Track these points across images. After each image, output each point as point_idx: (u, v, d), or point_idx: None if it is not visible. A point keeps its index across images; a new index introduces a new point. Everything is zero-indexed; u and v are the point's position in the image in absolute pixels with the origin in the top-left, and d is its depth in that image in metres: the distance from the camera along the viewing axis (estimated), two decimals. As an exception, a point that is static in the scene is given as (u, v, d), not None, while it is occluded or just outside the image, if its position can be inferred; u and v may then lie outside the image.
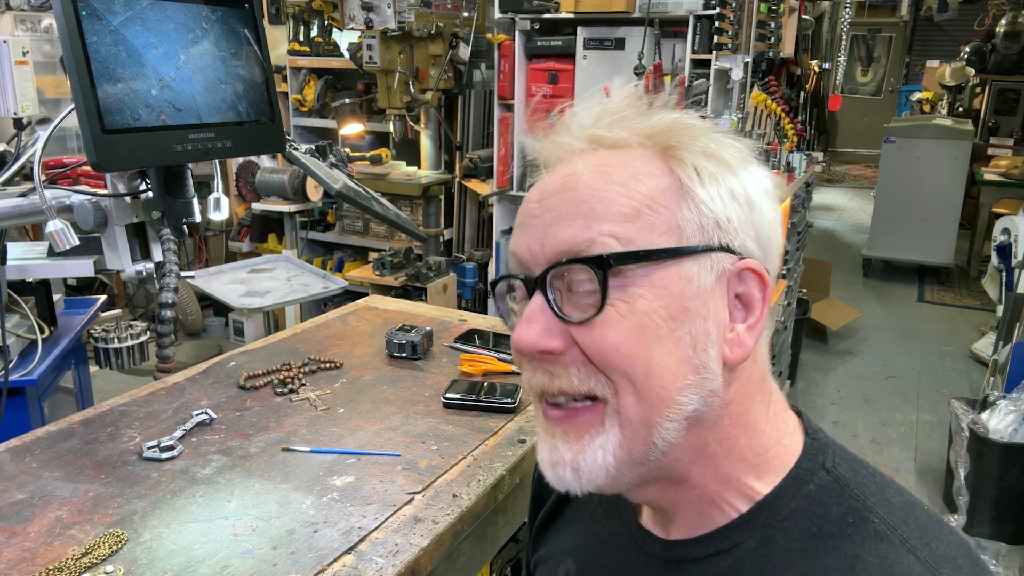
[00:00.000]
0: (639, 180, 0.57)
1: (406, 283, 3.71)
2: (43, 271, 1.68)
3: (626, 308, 0.55)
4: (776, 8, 3.47)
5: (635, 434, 0.56)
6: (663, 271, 0.56)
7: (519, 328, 0.58)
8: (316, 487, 1.09)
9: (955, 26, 8.56)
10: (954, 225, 5.55)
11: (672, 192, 0.57)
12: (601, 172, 0.58)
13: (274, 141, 1.53)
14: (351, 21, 3.54)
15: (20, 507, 1.02)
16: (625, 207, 0.56)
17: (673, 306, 0.55)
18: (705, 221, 0.56)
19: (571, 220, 0.57)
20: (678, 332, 0.56)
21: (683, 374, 0.56)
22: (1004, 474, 2.60)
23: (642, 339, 0.55)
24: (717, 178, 0.57)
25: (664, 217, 0.56)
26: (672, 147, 0.58)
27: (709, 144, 0.58)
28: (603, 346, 0.56)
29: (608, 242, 0.55)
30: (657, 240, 0.56)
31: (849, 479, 0.59)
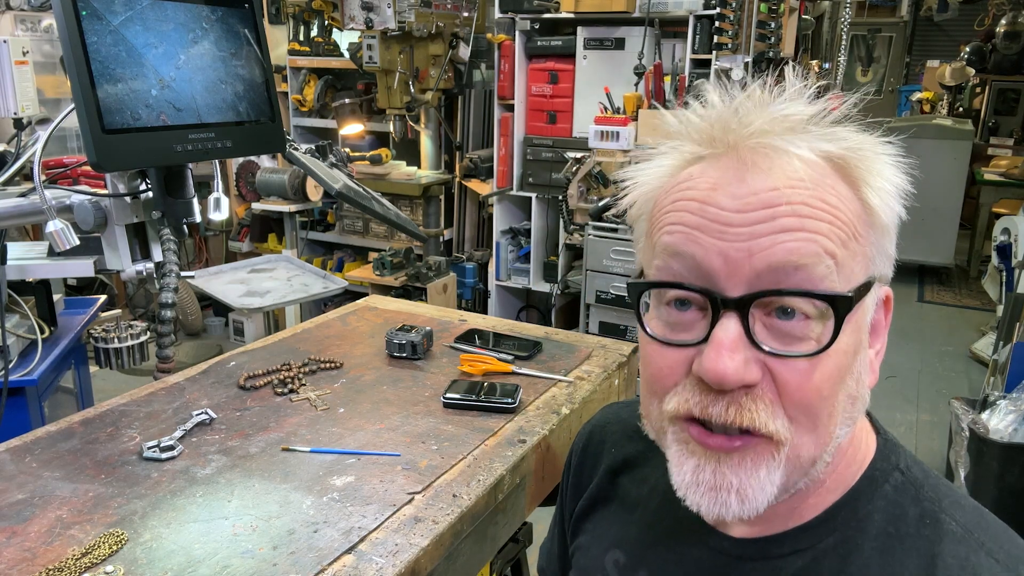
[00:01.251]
0: (844, 204, 0.53)
1: (406, 283, 3.71)
2: (43, 271, 1.68)
3: (834, 345, 0.52)
4: (776, 8, 3.47)
5: (798, 469, 0.55)
6: (861, 305, 0.54)
7: (719, 356, 0.52)
8: (316, 487, 1.09)
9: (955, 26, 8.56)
10: (954, 225, 5.55)
11: (865, 222, 0.55)
12: (816, 189, 0.53)
13: (274, 141, 1.53)
14: (351, 21, 3.54)
15: (20, 507, 1.02)
16: (841, 231, 0.52)
17: (857, 342, 0.54)
18: (877, 251, 0.56)
19: (791, 232, 0.51)
20: (856, 368, 0.54)
21: (848, 409, 0.55)
22: (1004, 474, 2.60)
23: (838, 379, 0.53)
24: (888, 206, 0.56)
25: (863, 247, 0.54)
26: (858, 171, 0.55)
27: (886, 169, 0.56)
28: (807, 386, 0.52)
29: (828, 264, 0.51)
30: (857, 269, 0.53)
31: (922, 481, 0.59)
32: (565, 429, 1.32)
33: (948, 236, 5.56)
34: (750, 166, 0.53)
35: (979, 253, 5.81)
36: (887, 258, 0.57)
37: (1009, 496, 2.61)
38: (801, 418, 0.53)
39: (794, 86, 0.57)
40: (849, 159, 0.55)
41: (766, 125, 0.54)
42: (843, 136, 0.55)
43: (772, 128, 0.54)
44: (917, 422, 3.60)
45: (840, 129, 0.56)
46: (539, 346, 1.58)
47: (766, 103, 0.56)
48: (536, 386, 1.41)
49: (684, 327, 0.55)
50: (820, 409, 0.53)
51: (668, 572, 0.66)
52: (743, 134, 0.54)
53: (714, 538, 0.63)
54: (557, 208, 3.70)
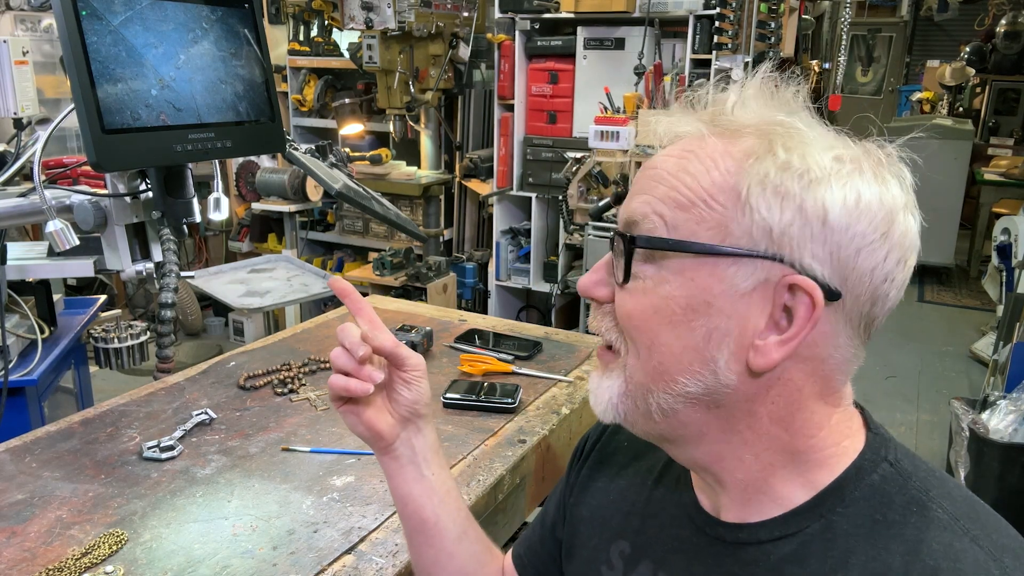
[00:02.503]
0: (708, 173, 0.58)
1: (406, 283, 3.71)
2: (43, 271, 1.68)
3: (650, 286, 0.60)
4: (776, 8, 3.47)
5: (635, 391, 0.62)
6: (697, 264, 0.58)
7: (584, 276, 0.67)
8: (316, 487, 1.09)
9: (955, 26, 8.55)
10: (954, 225, 5.55)
11: (731, 194, 0.57)
12: (683, 158, 0.60)
13: (274, 141, 1.53)
14: (351, 21, 3.54)
15: (20, 507, 1.02)
16: (683, 196, 0.59)
17: (696, 299, 0.58)
18: (755, 229, 0.56)
19: (641, 195, 0.61)
20: (694, 323, 0.58)
21: (688, 360, 0.59)
22: (1004, 474, 2.60)
23: (654, 318, 0.60)
24: (786, 190, 0.56)
25: (716, 215, 0.57)
26: (754, 151, 0.58)
27: (795, 155, 0.57)
28: (622, 311, 0.62)
29: (655, 222, 0.59)
30: (702, 234, 0.58)
31: (911, 471, 0.61)
32: (565, 429, 1.32)
33: (948, 236, 5.56)
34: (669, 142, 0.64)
35: (979, 253, 5.80)
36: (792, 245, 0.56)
37: (1009, 496, 2.60)
38: (627, 339, 0.62)
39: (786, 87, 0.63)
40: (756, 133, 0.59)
41: (713, 110, 0.62)
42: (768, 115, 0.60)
43: (718, 111, 0.62)
44: (917, 422, 3.60)
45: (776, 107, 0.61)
46: (539, 346, 1.58)
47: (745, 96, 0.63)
48: (536, 386, 1.41)
49: None
50: (636, 335, 0.61)
51: (670, 561, 0.69)
52: (700, 116, 0.63)
53: (711, 525, 0.66)
54: (557, 208, 3.70)
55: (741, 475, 0.62)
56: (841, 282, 0.56)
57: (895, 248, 0.57)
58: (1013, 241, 3.90)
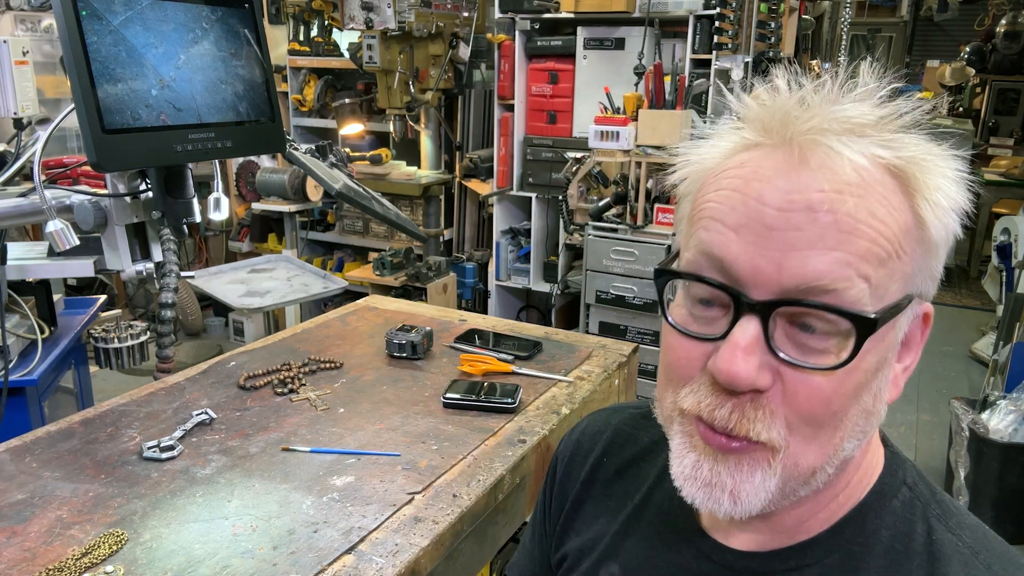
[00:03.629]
0: (893, 217, 0.51)
1: (406, 283, 3.71)
2: (43, 271, 1.68)
3: (854, 363, 0.51)
4: (776, 8, 3.47)
5: (797, 478, 0.54)
6: (893, 322, 0.52)
7: (733, 357, 0.51)
8: (316, 487, 1.09)
9: (955, 26, 8.56)
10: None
11: (914, 237, 0.52)
12: (865, 197, 0.50)
13: (274, 141, 1.53)
14: (351, 21, 3.54)
15: (20, 507, 1.02)
16: (882, 249, 0.50)
17: (882, 360, 0.53)
18: (921, 270, 0.54)
19: (829, 250, 0.49)
20: (875, 384, 0.53)
21: (862, 423, 0.53)
22: (1004, 474, 2.60)
23: (854, 396, 0.52)
24: (946, 225, 0.53)
25: (904, 264, 0.52)
26: (916, 182, 0.52)
27: (947, 184, 0.53)
28: (814, 398, 0.51)
29: (862, 288, 0.50)
30: (893, 289, 0.51)
31: (929, 498, 0.59)
32: (565, 429, 1.32)
33: (948, 236, 5.55)
34: (799, 162, 0.51)
35: (979, 253, 5.80)
36: (930, 276, 0.54)
37: (1009, 496, 2.61)
38: (803, 428, 0.52)
39: (866, 85, 0.54)
40: (908, 169, 0.52)
41: (825, 123, 0.52)
42: (907, 144, 0.53)
43: (831, 127, 0.52)
44: (917, 422, 3.60)
45: (906, 136, 0.53)
46: (539, 346, 1.58)
47: (832, 100, 0.54)
48: (536, 386, 1.41)
49: (707, 321, 0.54)
50: (826, 422, 0.52)
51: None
52: (801, 128, 0.52)
53: (717, 551, 0.62)
54: (557, 208, 3.70)
55: (790, 515, 0.58)
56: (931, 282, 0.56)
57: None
58: (1013, 241, 3.90)
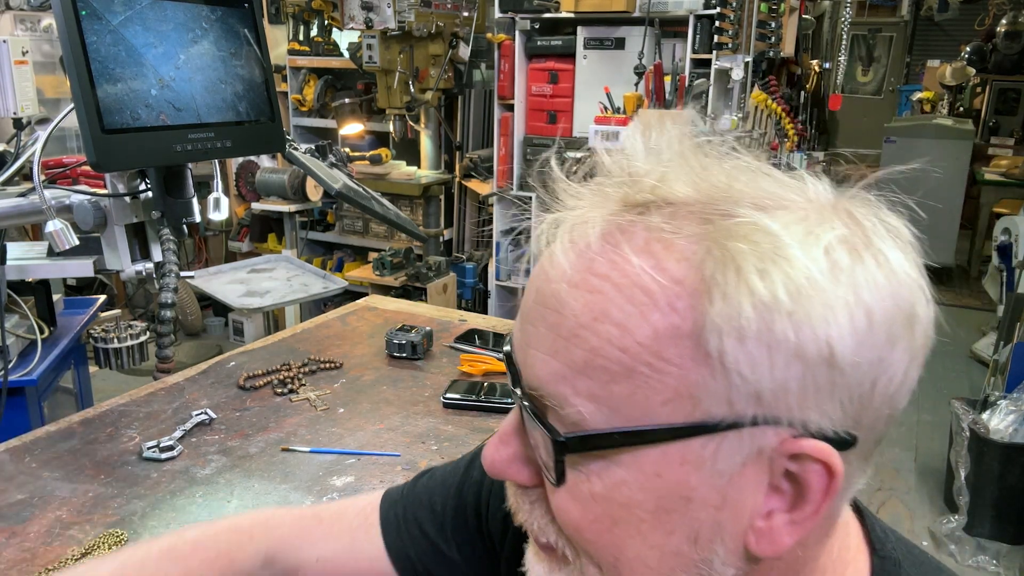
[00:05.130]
0: (646, 317, 0.39)
1: (406, 283, 3.71)
2: (43, 271, 1.68)
3: (600, 490, 0.42)
4: (776, 8, 3.46)
5: None
6: (659, 452, 0.41)
7: (491, 442, 0.47)
8: (316, 487, 1.09)
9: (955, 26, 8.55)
10: (954, 225, 5.55)
11: (691, 345, 0.39)
12: (599, 294, 0.40)
13: (274, 141, 1.53)
14: (351, 21, 3.54)
15: (20, 507, 1.02)
16: (614, 362, 0.40)
17: (668, 498, 0.42)
18: (735, 394, 0.39)
19: (548, 357, 0.42)
20: (669, 525, 0.42)
21: (670, 568, 0.44)
22: (1004, 474, 2.60)
23: (614, 531, 0.43)
24: (772, 336, 0.38)
25: (672, 379, 0.39)
26: (711, 278, 0.39)
27: (775, 277, 0.38)
28: (565, 519, 0.45)
29: (581, 408, 0.41)
30: (657, 409, 0.40)
31: None
32: (565, 429, 1.32)
33: (948, 236, 5.55)
34: (567, 245, 0.43)
35: (979, 253, 5.80)
36: (790, 403, 0.39)
37: (1009, 496, 2.60)
38: (583, 552, 0.46)
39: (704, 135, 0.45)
40: (709, 241, 0.39)
41: (626, 190, 0.43)
42: (721, 205, 0.41)
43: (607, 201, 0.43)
44: (917, 422, 3.60)
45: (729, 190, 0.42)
46: (539, 346, 1.58)
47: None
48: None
49: None
50: (591, 551, 0.45)
51: None
52: (606, 201, 0.44)
53: None
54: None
55: None
56: (855, 424, 0.41)
57: (917, 356, 0.42)
58: (1013, 241, 3.90)
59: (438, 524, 0.70)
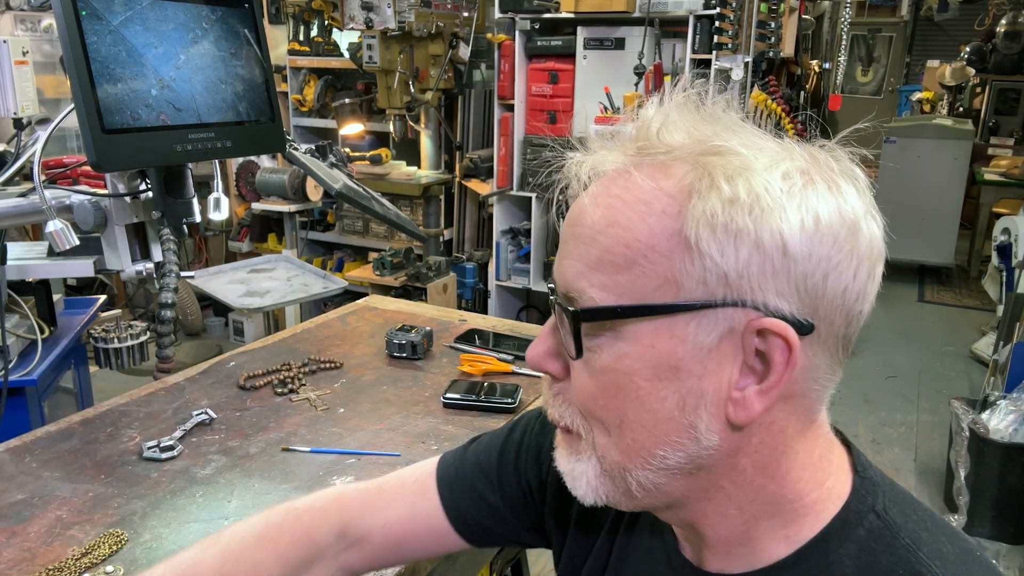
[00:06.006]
0: (644, 221, 0.52)
1: (406, 283, 3.71)
2: (43, 271, 1.68)
3: (608, 361, 0.54)
4: (776, 8, 3.47)
5: (612, 469, 0.57)
6: (652, 328, 0.52)
7: (532, 344, 0.59)
8: (316, 487, 1.08)
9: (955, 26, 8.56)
10: (954, 225, 5.55)
11: (676, 240, 0.51)
12: (610, 208, 0.53)
13: (274, 141, 1.53)
14: (351, 21, 3.54)
15: (20, 507, 1.02)
16: (620, 257, 0.52)
17: (661, 365, 0.52)
18: (709, 276, 0.50)
19: (573, 259, 0.55)
20: (663, 392, 0.53)
21: (665, 432, 0.54)
22: (1004, 474, 2.60)
23: (619, 395, 0.54)
24: (738, 227, 0.49)
25: (661, 269, 0.51)
26: (693, 186, 0.51)
27: (740, 184, 0.50)
28: (583, 392, 0.56)
29: (595, 295, 0.53)
30: (651, 294, 0.51)
31: (900, 525, 0.55)
32: (565, 429, 1.32)
33: (948, 236, 5.55)
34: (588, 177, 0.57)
35: (979, 253, 5.80)
36: (752, 286, 0.50)
37: (1009, 496, 2.61)
38: (593, 422, 0.56)
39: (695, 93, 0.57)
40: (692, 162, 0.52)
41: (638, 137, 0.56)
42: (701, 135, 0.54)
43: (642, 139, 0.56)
44: (917, 422, 3.60)
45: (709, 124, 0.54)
46: (539, 346, 1.58)
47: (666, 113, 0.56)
48: (536, 386, 1.41)
49: None
50: (600, 416, 0.55)
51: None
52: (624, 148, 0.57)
53: (687, 571, 0.63)
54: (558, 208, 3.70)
55: (724, 530, 0.58)
56: (812, 313, 0.51)
57: (864, 262, 0.52)
58: (1013, 241, 3.90)
59: (486, 480, 0.80)
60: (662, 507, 0.59)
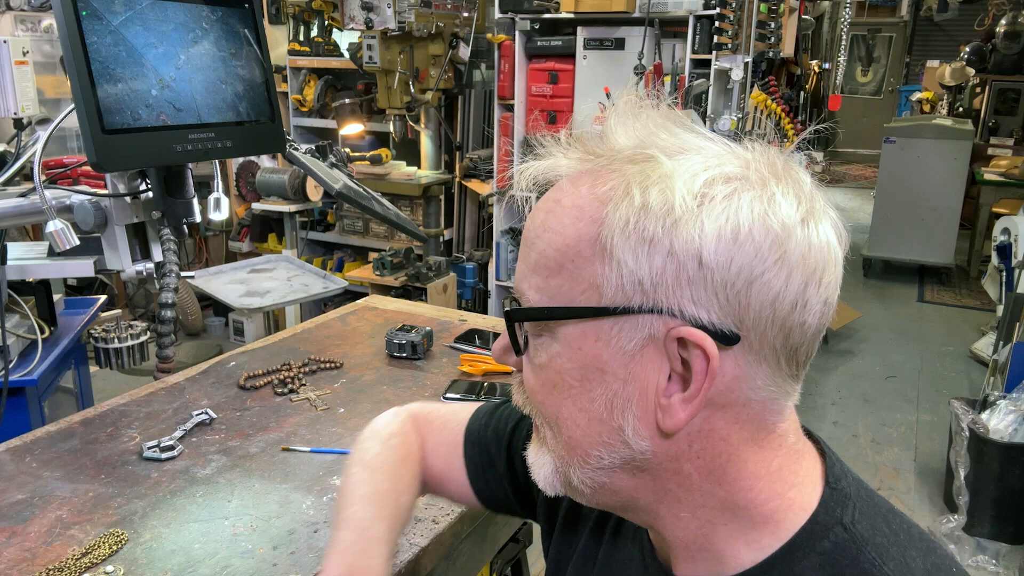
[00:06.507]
0: (574, 227, 0.53)
1: (406, 283, 3.71)
2: (43, 271, 1.68)
3: (545, 359, 0.57)
4: (776, 8, 3.47)
5: (560, 466, 0.59)
6: (580, 330, 0.54)
7: (499, 337, 0.63)
8: (316, 487, 1.09)
9: (955, 26, 8.57)
10: (954, 225, 5.55)
11: (596, 246, 0.52)
12: (550, 212, 0.56)
13: (274, 141, 1.53)
14: (351, 21, 3.54)
15: (20, 507, 1.02)
16: (551, 260, 0.54)
17: (588, 367, 0.54)
18: (625, 282, 0.51)
19: (520, 262, 0.58)
20: (592, 392, 0.55)
21: (597, 432, 0.55)
22: (1004, 474, 2.60)
23: (554, 392, 0.57)
24: (651, 235, 0.50)
25: (585, 274, 0.53)
26: (612, 194, 0.52)
27: (653, 193, 0.51)
28: (528, 385, 0.60)
29: (532, 296, 0.56)
30: (578, 297, 0.53)
31: (867, 538, 0.54)
32: (565, 429, 1.32)
33: (948, 236, 5.55)
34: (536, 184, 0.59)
35: (979, 253, 5.80)
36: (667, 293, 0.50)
37: (1009, 496, 2.61)
38: (537, 415, 0.60)
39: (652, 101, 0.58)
40: (617, 168, 0.54)
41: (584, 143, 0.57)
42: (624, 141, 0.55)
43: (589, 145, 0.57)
44: (917, 422, 3.60)
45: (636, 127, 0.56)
46: (539, 346, 1.58)
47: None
48: (536, 386, 1.41)
49: None
50: (542, 410, 0.59)
51: None
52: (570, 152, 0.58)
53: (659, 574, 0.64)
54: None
55: (681, 533, 0.58)
56: (737, 322, 0.50)
57: (797, 269, 0.50)
58: (1013, 241, 3.90)
59: (499, 447, 0.86)
60: (618, 507, 0.61)
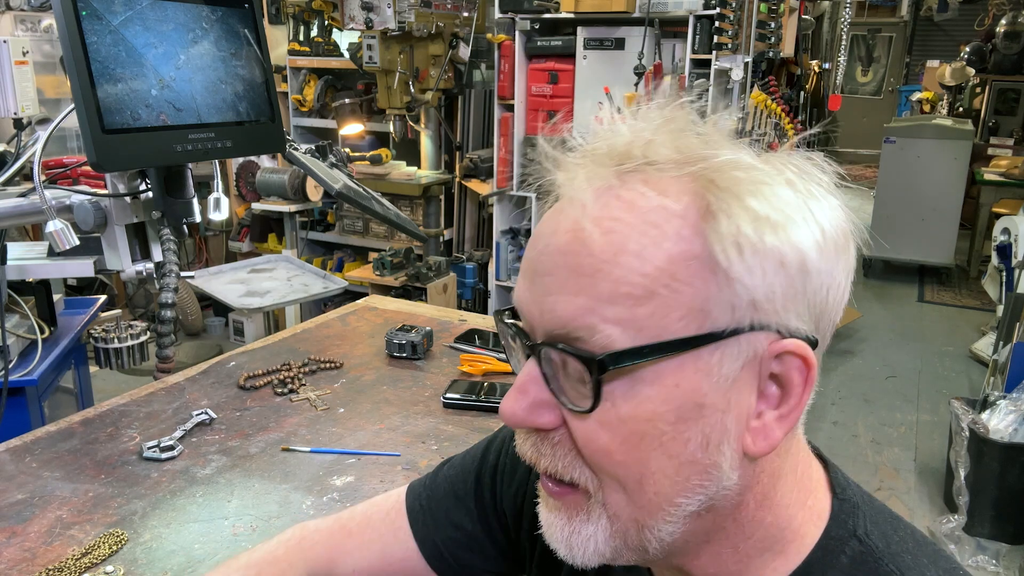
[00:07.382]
0: (659, 246, 0.46)
1: (406, 283, 3.71)
2: (43, 271, 1.68)
3: (628, 411, 0.47)
4: (776, 8, 3.47)
5: (626, 530, 0.51)
6: (676, 364, 0.46)
7: (509, 395, 0.51)
8: (316, 487, 1.09)
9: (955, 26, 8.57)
10: (954, 225, 5.55)
11: (700, 264, 0.46)
12: (614, 233, 0.46)
13: (274, 141, 1.53)
14: (351, 21, 3.54)
15: (20, 507, 1.02)
16: (637, 287, 0.46)
17: (686, 405, 0.47)
18: (737, 301, 0.46)
19: (571, 295, 0.47)
20: (687, 434, 0.47)
21: (686, 477, 0.48)
22: (1004, 474, 2.60)
23: (640, 446, 0.48)
24: (764, 246, 0.46)
25: (686, 297, 0.46)
26: (711, 206, 0.46)
27: (761, 202, 0.46)
28: (595, 446, 0.49)
29: (610, 332, 0.46)
30: (673, 325, 0.46)
31: (883, 549, 0.52)
32: (565, 429, 1.33)
33: (948, 236, 5.55)
34: (566, 202, 0.50)
35: (979, 253, 5.80)
36: (777, 308, 0.47)
37: (1009, 496, 2.61)
38: (605, 477, 0.49)
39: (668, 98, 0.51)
40: (699, 181, 0.47)
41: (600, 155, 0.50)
42: (705, 152, 0.48)
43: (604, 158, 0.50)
44: (917, 422, 3.60)
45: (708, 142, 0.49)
46: (539, 346, 1.58)
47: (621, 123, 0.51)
48: (536, 386, 1.41)
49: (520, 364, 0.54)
50: (619, 472, 0.49)
51: None
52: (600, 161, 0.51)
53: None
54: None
55: (713, 570, 0.54)
56: (815, 329, 0.49)
57: (850, 267, 0.50)
58: (1013, 241, 3.90)
59: (462, 507, 0.75)
60: (668, 555, 0.53)
